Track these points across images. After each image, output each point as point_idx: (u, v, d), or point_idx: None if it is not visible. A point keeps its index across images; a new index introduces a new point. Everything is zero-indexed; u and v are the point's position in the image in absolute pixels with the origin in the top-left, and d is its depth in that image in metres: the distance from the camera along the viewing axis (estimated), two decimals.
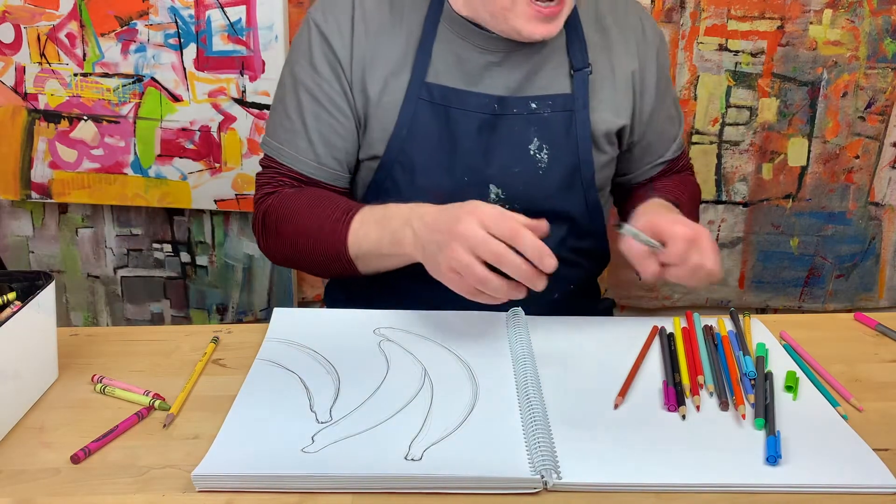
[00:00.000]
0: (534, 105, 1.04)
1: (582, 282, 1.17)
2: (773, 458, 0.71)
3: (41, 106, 1.74)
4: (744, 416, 0.78)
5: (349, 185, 1.10)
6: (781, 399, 0.82)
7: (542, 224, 0.84)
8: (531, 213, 1.05)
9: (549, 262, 0.81)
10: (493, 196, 1.05)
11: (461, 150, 1.04)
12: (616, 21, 1.09)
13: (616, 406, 0.79)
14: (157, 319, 1.96)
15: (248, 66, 1.68)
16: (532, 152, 1.05)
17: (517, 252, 0.81)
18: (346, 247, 0.97)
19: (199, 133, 1.74)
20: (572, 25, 1.05)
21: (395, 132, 1.04)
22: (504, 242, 0.82)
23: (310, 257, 1.02)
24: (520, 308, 0.98)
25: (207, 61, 1.69)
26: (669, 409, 0.79)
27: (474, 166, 1.04)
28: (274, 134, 1.08)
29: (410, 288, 1.06)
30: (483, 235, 0.82)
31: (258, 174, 1.10)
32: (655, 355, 0.91)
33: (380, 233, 0.94)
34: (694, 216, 1.13)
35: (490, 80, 1.04)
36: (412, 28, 1.04)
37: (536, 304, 0.95)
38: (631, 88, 1.08)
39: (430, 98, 1.03)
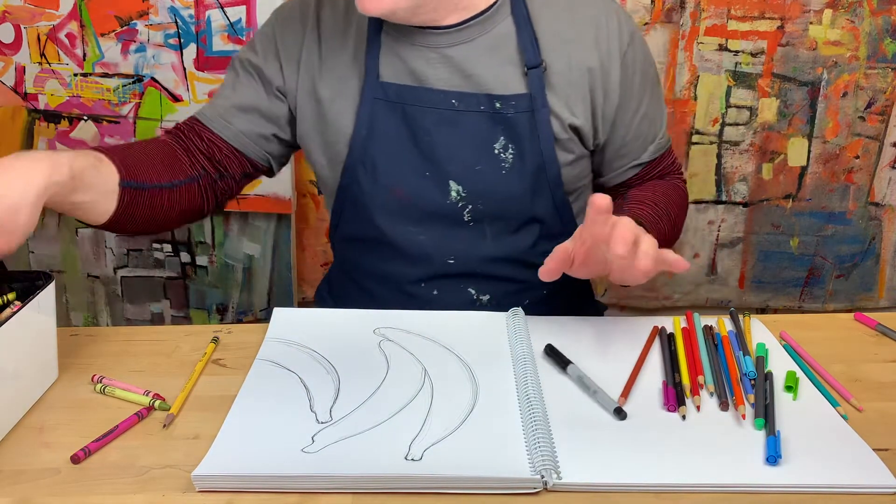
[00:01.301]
0: (498, 105, 1.02)
1: (559, 286, 1.11)
2: (773, 458, 0.71)
3: (41, 106, 1.74)
4: (744, 416, 0.78)
5: (260, 158, 1.09)
6: (781, 399, 0.82)
7: None
8: (496, 213, 1.04)
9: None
10: (454, 194, 1.04)
11: (421, 145, 1.03)
12: (576, 13, 1.04)
13: (620, 407, 0.79)
14: (157, 319, 1.96)
15: None
16: (496, 151, 1.03)
17: None
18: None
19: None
20: (521, 17, 1.02)
21: (354, 133, 1.04)
22: None
23: None
24: (520, 308, 0.98)
25: (207, 61, 1.69)
26: (669, 409, 0.79)
27: (435, 162, 1.03)
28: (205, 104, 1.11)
29: (404, 278, 1.08)
30: None
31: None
32: (655, 355, 0.91)
33: None
34: (667, 226, 1.06)
35: (432, 77, 1.02)
36: (361, 30, 1.04)
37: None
38: (588, 86, 1.03)
39: (386, 97, 1.03)
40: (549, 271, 0.87)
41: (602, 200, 0.80)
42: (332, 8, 1.07)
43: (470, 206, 1.05)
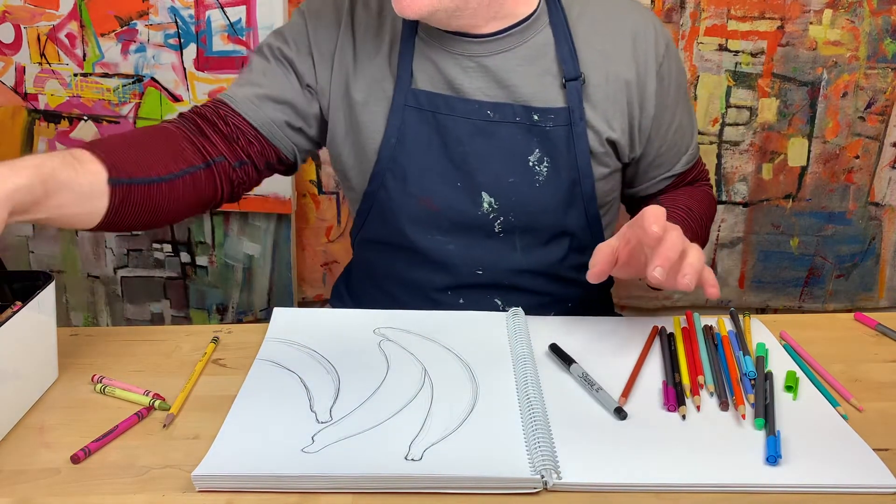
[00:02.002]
0: (536, 117, 1.01)
1: (584, 300, 1.13)
2: (773, 458, 0.71)
3: (41, 106, 1.74)
4: (744, 416, 0.78)
5: (288, 151, 1.06)
6: (781, 399, 0.82)
7: None
8: (527, 225, 1.03)
9: None
10: (485, 205, 1.03)
11: (453, 155, 1.02)
12: (614, 25, 1.03)
13: (620, 406, 0.79)
14: (157, 319, 1.96)
15: None
16: (531, 164, 1.02)
17: None
18: None
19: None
20: (559, 28, 1.01)
21: (384, 141, 1.02)
22: None
23: None
24: (520, 308, 0.98)
25: (207, 61, 1.69)
26: (669, 409, 0.79)
27: (468, 172, 1.02)
28: (231, 85, 1.07)
29: (430, 285, 1.07)
30: None
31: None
32: (655, 355, 0.91)
33: None
34: (701, 232, 1.08)
35: (467, 86, 1.01)
36: (395, 32, 1.03)
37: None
38: (625, 99, 1.03)
39: (418, 105, 1.01)
40: (597, 274, 0.87)
41: (656, 218, 0.82)
42: (365, 6, 1.04)
43: (501, 218, 1.04)
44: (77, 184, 0.81)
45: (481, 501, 0.68)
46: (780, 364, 0.88)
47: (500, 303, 1.07)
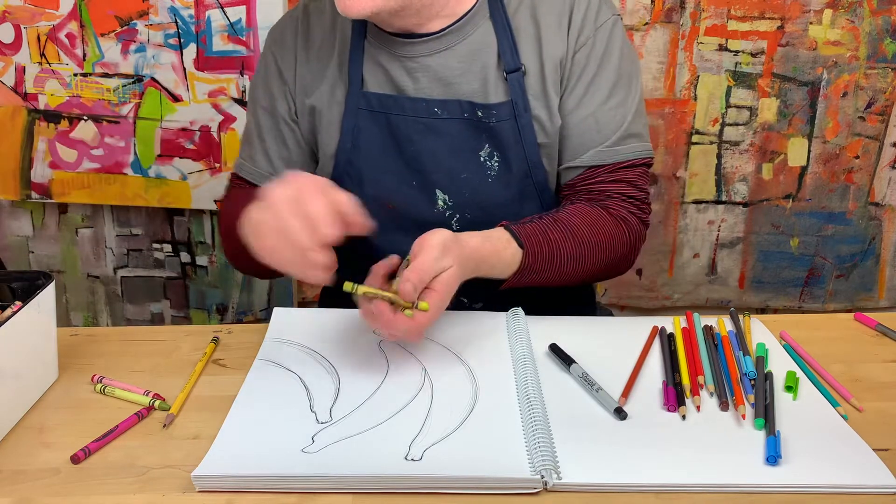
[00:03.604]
0: (480, 113, 1.00)
1: (555, 291, 1.06)
2: (773, 458, 0.71)
3: (41, 106, 1.74)
4: (744, 416, 0.78)
5: None
6: (781, 399, 0.82)
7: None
8: (484, 221, 0.99)
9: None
10: (440, 203, 1.03)
11: (406, 155, 1.03)
12: (551, 5, 1.00)
13: (620, 406, 0.79)
14: (157, 319, 1.96)
15: (248, 66, 1.68)
16: (482, 159, 1.02)
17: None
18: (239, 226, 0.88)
19: (198, 133, 1.74)
20: (499, 21, 1.00)
21: (339, 145, 1.04)
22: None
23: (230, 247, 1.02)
24: (520, 308, 0.98)
25: (207, 61, 1.69)
26: (669, 409, 0.79)
27: (421, 171, 1.03)
28: (240, 154, 1.12)
29: None
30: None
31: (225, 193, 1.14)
32: (655, 355, 0.91)
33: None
34: (550, 269, 0.96)
35: (410, 87, 1.01)
36: (346, 37, 1.04)
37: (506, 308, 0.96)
38: (559, 80, 1.00)
39: (370, 107, 1.02)
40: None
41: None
42: (318, 15, 1.06)
43: (458, 216, 1.04)
44: None
45: (481, 501, 0.68)
46: (780, 364, 0.88)
47: (465, 300, 1.07)
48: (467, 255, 0.87)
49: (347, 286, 0.81)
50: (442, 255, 0.83)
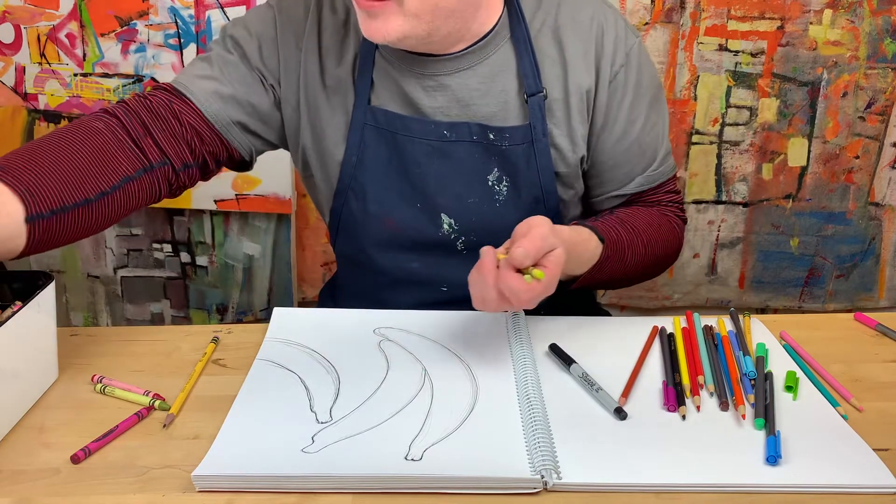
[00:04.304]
0: (491, 136, 0.97)
1: (556, 303, 1.03)
2: (773, 458, 0.71)
3: (41, 106, 1.74)
4: (744, 416, 0.78)
5: (244, 151, 1.00)
6: (781, 399, 0.82)
7: None
8: (491, 243, 0.96)
9: None
10: (445, 226, 1.00)
11: (412, 177, 0.99)
12: (575, 32, 0.97)
13: (620, 406, 0.79)
14: (157, 319, 1.96)
15: None
16: (490, 183, 0.99)
17: None
18: None
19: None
20: (521, 42, 0.96)
21: (345, 158, 1.00)
22: None
23: None
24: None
25: None
26: (669, 409, 0.79)
27: (426, 194, 1.00)
28: (185, 71, 0.99)
29: (398, 304, 1.03)
30: None
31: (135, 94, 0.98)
32: (655, 355, 0.91)
33: None
34: (636, 249, 0.97)
35: (427, 106, 0.97)
36: (358, 44, 0.99)
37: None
38: (586, 109, 0.98)
39: (376, 123, 0.98)
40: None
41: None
42: (331, 13, 1.00)
43: (463, 238, 1.02)
44: None
45: (481, 501, 0.68)
46: (780, 364, 0.88)
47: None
48: (566, 239, 0.84)
49: None
50: (551, 234, 0.81)
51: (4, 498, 0.67)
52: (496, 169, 0.99)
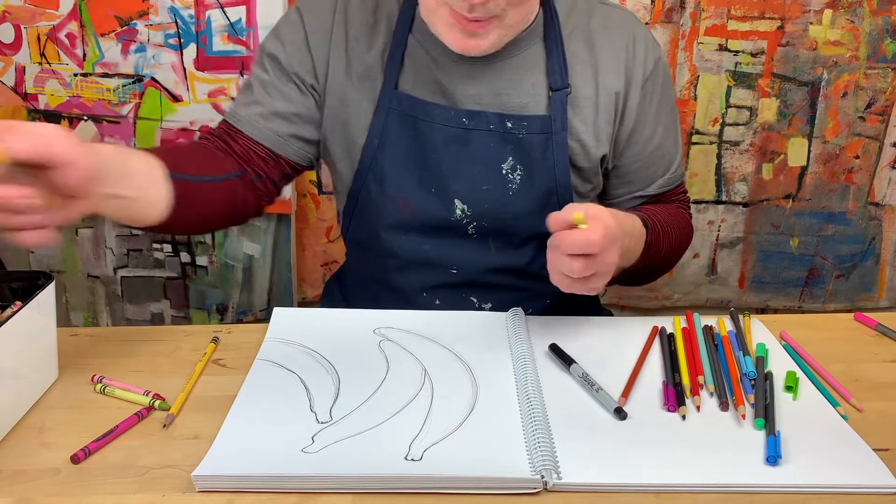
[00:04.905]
0: (510, 124, 1.00)
1: (564, 295, 1.07)
2: (773, 458, 0.71)
3: (41, 106, 1.74)
4: (744, 416, 0.78)
5: (301, 159, 1.06)
6: (781, 399, 0.82)
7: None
8: (501, 230, 1.03)
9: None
10: (458, 211, 1.03)
11: (429, 162, 1.02)
12: (608, 38, 1.02)
13: (620, 406, 0.79)
14: (157, 319, 1.96)
15: (248, 66, 1.68)
16: (504, 171, 1.02)
17: None
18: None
19: (199, 133, 1.74)
20: (553, 41, 1.00)
21: (367, 141, 1.03)
22: None
23: None
24: (520, 308, 0.98)
25: (207, 61, 1.69)
26: (669, 409, 0.79)
27: (441, 179, 1.02)
28: (235, 102, 1.07)
29: (407, 287, 1.07)
30: None
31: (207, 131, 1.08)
32: (655, 355, 0.91)
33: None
34: (665, 241, 1.01)
35: (460, 93, 1.00)
36: (387, 31, 1.02)
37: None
38: (613, 111, 1.02)
39: (400, 107, 1.01)
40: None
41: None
42: (361, 1, 1.03)
43: (475, 223, 1.04)
44: (149, 168, 0.85)
45: (481, 501, 0.68)
46: (780, 364, 0.88)
47: (475, 301, 1.07)
48: (621, 221, 0.87)
49: None
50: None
51: (4, 498, 0.67)
52: (511, 158, 1.02)
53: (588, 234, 0.80)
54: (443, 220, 1.03)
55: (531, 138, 1.01)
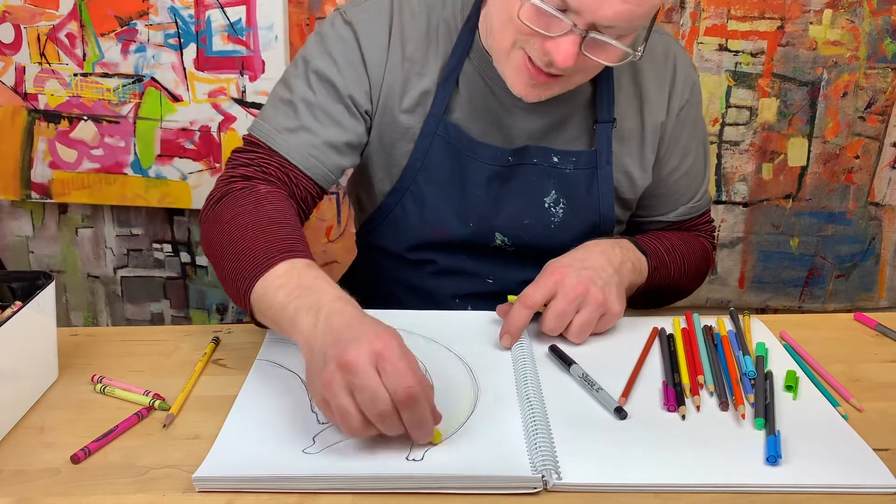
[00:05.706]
0: (556, 159, 1.00)
1: None
2: (773, 458, 0.71)
3: (41, 106, 1.74)
4: (744, 416, 0.78)
5: (328, 188, 1.02)
6: (781, 399, 0.82)
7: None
8: (544, 253, 0.99)
9: (423, 436, 0.70)
10: (498, 242, 1.03)
11: (470, 198, 1.02)
12: (652, 66, 1.02)
13: (620, 406, 0.79)
14: (157, 319, 1.96)
15: (248, 66, 1.68)
16: (547, 205, 1.02)
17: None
18: (251, 286, 0.81)
19: (198, 133, 1.74)
20: (603, 74, 0.97)
21: (409, 162, 1.01)
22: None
23: (222, 270, 0.87)
24: None
25: (207, 61, 1.69)
26: (669, 410, 0.79)
27: (482, 214, 1.02)
28: (270, 118, 0.99)
29: (440, 291, 1.07)
30: (372, 385, 0.67)
31: (237, 151, 0.99)
32: (655, 355, 0.91)
33: (286, 300, 0.77)
34: (678, 271, 1.04)
35: (515, 127, 0.99)
36: (444, 52, 0.99)
37: None
38: (658, 140, 1.03)
39: (447, 136, 0.99)
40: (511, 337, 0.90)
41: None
42: (412, 18, 0.99)
43: (514, 248, 1.05)
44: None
45: (481, 501, 0.68)
46: (780, 364, 0.88)
47: (458, 301, 1.08)
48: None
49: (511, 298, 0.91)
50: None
51: (4, 498, 0.67)
52: (554, 191, 1.02)
53: (521, 301, 0.88)
54: (482, 246, 1.05)
55: (577, 174, 1.01)
